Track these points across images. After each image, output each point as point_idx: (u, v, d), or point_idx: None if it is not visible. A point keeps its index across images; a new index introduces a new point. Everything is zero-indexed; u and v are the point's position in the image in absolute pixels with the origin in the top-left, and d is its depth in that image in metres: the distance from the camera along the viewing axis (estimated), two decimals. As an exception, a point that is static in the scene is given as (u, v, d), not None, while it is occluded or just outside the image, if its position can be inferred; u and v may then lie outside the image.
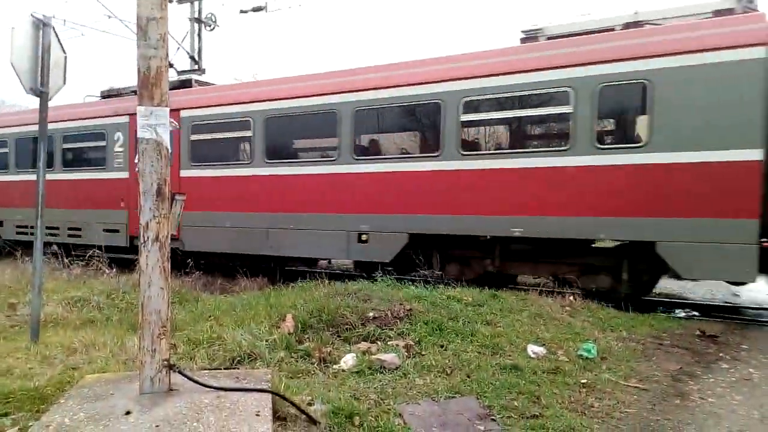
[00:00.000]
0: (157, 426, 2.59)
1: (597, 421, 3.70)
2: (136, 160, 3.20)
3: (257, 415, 2.77)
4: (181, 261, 10.46)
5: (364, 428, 3.38)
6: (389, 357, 4.69)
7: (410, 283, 7.52)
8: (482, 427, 3.54)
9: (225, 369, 4.16)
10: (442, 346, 5.14)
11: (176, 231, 11.71)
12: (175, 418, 2.69)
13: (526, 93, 7.85)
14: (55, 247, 11.36)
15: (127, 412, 2.75)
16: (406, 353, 4.92)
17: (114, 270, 9.29)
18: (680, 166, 6.95)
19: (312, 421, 3.28)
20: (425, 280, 7.99)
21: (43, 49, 5.15)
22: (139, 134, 3.11)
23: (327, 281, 7.12)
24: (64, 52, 5.41)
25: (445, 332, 5.43)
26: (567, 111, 7.60)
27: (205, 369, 4.10)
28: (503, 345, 5.13)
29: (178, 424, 2.62)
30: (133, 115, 11.68)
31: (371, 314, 5.68)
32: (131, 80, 12.22)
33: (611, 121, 8.07)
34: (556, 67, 7.63)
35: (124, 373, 3.66)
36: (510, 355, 4.90)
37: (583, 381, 4.38)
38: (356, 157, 9.06)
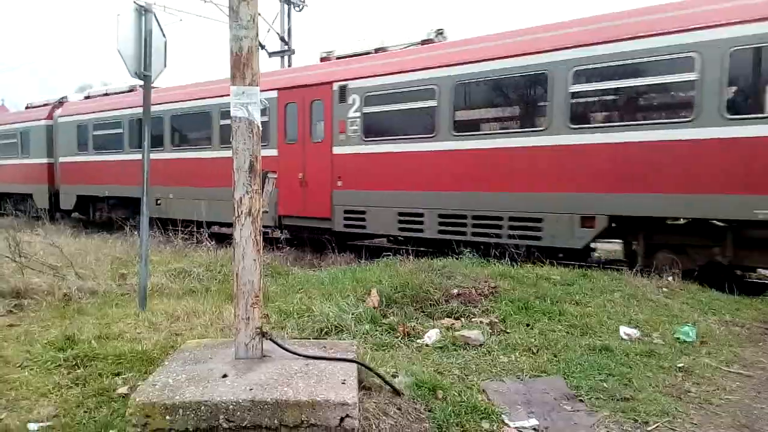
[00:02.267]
0: (251, 389, 2.75)
1: (694, 406, 3.51)
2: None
3: (343, 383, 2.86)
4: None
5: (447, 402, 3.40)
6: (473, 334, 4.68)
7: (496, 260, 7.42)
8: (569, 407, 3.46)
9: (313, 339, 4.33)
10: (528, 325, 5.05)
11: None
12: (267, 382, 2.83)
13: None
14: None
15: (224, 375, 2.93)
16: (491, 331, 4.89)
17: (213, 243, 9.85)
18: None
19: (396, 392, 3.35)
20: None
21: (146, 34, 5.44)
22: (232, 113, 3.25)
23: (411, 258, 7.17)
24: (164, 36, 5.70)
25: (531, 311, 5.34)
26: None
27: (295, 338, 4.29)
28: (593, 325, 4.96)
29: (270, 387, 2.76)
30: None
31: (455, 291, 5.68)
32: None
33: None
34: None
35: (221, 340, 3.91)
36: (600, 336, 4.73)
37: (679, 365, 4.15)
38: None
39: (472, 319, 5.20)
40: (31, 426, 3.02)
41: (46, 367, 3.86)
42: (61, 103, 17.81)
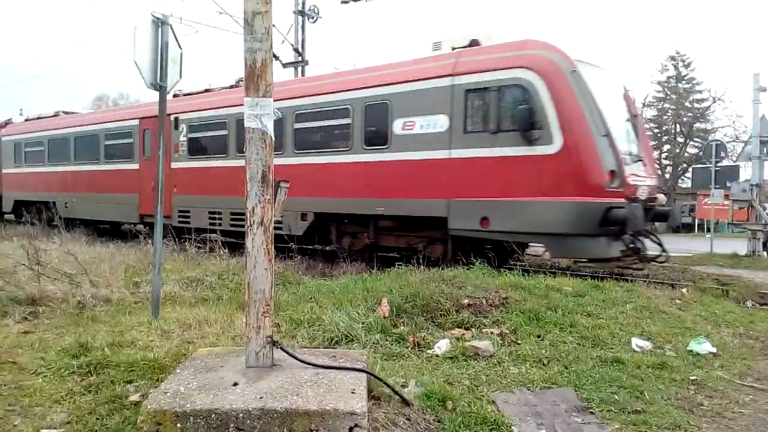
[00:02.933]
0: (261, 397, 2.77)
1: (706, 419, 3.48)
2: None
3: (352, 392, 2.87)
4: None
5: (456, 413, 3.40)
6: (483, 344, 4.67)
7: (507, 271, 7.40)
8: (579, 419, 3.44)
9: (323, 348, 4.35)
10: (539, 336, 5.03)
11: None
12: (277, 390, 2.85)
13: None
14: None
15: (235, 384, 2.95)
16: (501, 341, 4.88)
17: (226, 251, 9.91)
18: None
19: (405, 402, 3.35)
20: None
21: (162, 46, 5.53)
22: (246, 124, 3.30)
23: (422, 268, 7.17)
24: (180, 48, 5.79)
25: (542, 322, 5.32)
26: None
27: (305, 348, 4.31)
28: (605, 337, 4.93)
29: (280, 396, 2.78)
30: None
31: (466, 301, 5.67)
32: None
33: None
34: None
35: (232, 348, 3.93)
36: (612, 348, 4.71)
37: (692, 378, 4.12)
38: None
39: (483, 330, 5.19)
40: (45, 432, 3.06)
41: (60, 374, 3.91)
42: (6, 123, 21.82)
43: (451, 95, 9.01)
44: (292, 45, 20.08)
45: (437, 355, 4.58)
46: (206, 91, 14.22)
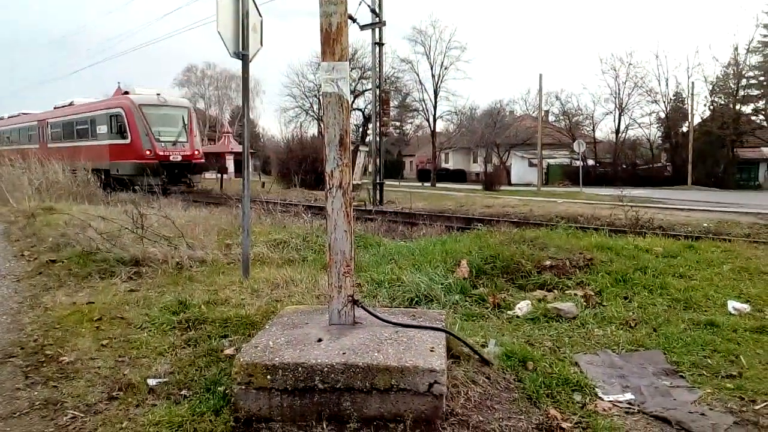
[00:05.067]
0: (343, 353, 2.88)
1: (811, 388, 3.25)
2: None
3: (431, 351, 2.93)
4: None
5: (537, 373, 3.38)
6: (566, 306, 4.58)
7: (593, 231, 7.15)
8: (668, 383, 3.33)
9: (403, 308, 4.43)
10: (626, 298, 4.87)
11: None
12: (358, 347, 2.96)
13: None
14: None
15: (319, 340, 3.09)
16: (585, 303, 4.76)
17: (309, 216, 10.24)
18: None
19: (485, 361, 3.37)
20: None
21: (243, 15, 5.64)
22: (323, 89, 3.34)
23: (502, 229, 7.07)
24: (260, 15, 5.87)
25: (630, 284, 5.13)
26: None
27: (385, 307, 4.41)
28: (698, 300, 4.69)
29: (361, 352, 2.89)
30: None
31: (548, 262, 5.56)
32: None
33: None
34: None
35: (316, 306, 4.10)
36: (705, 311, 4.47)
37: (796, 343, 3.84)
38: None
39: (566, 291, 5.08)
40: (151, 381, 3.35)
41: (162, 329, 4.24)
42: None
43: (110, 117, 22.28)
44: (369, 6, 19.90)
45: (518, 317, 4.55)
46: (71, 104, 26.57)
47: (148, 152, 20.96)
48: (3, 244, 9.23)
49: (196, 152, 22.42)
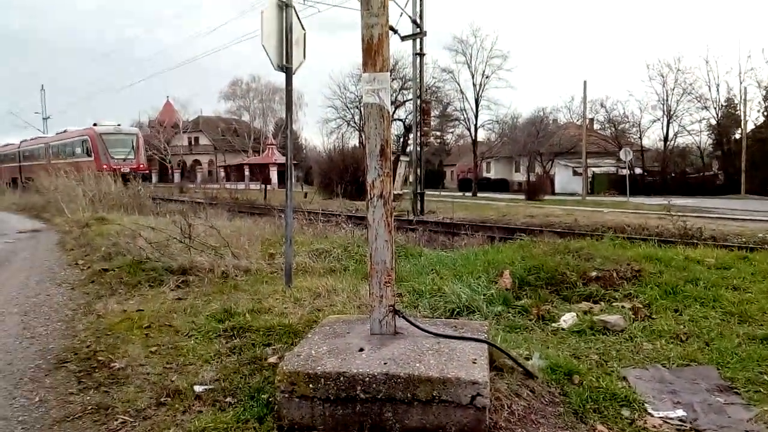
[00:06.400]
0: (385, 363, 2.88)
1: None
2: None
3: (474, 362, 2.89)
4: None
5: (583, 387, 3.29)
6: (613, 318, 4.46)
7: (641, 242, 6.95)
8: (722, 399, 3.19)
9: (444, 319, 4.40)
10: (676, 311, 4.70)
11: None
12: (400, 357, 2.95)
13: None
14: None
15: (360, 349, 3.10)
16: (633, 316, 4.62)
17: (350, 226, 10.31)
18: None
19: (529, 374, 3.31)
20: None
21: (286, 28, 5.73)
22: (364, 99, 3.38)
23: (546, 239, 6.96)
24: (303, 29, 5.96)
25: (680, 296, 4.96)
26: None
27: (426, 317, 4.39)
28: (753, 313, 4.48)
29: (403, 363, 2.88)
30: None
31: (594, 274, 5.43)
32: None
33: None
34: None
35: (357, 316, 4.12)
36: (762, 325, 4.27)
37: None
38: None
39: (613, 304, 4.95)
40: (197, 388, 3.42)
41: (209, 337, 4.34)
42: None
43: (82, 142, 33.34)
44: (410, 17, 20.01)
45: (563, 329, 4.45)
46: (65, 131, 36.05)
47: (105, 166, 28.30)
48: (58, 253, 9.64)
49: (141, 165, 32.10)
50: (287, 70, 5.83)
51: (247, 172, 55.54)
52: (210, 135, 69.21)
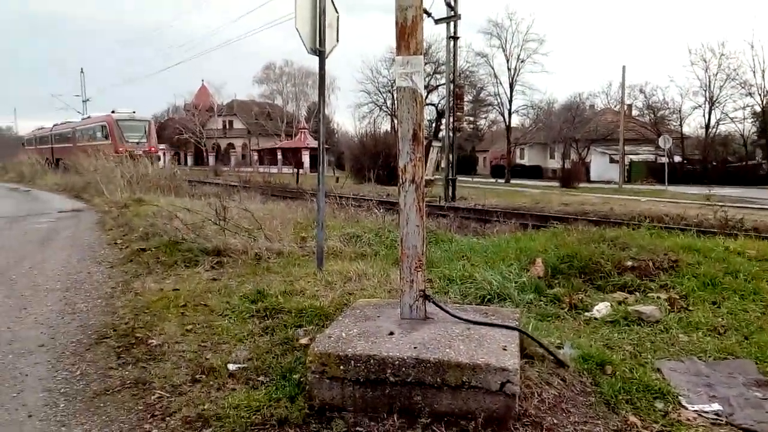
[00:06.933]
0: (414, 347, 2.90)
1: None
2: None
3: (504, 349, 2.88)
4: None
5: (616, 378, 3.25)
6: (649, 309, 4.37)
7: (679, 231, 6.78)
8: (760, 394, 3.11)
9: (475, 305, 4.38)
10: (714, 303, 4.59)
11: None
12: (429, 342, 2.96)
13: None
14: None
15: (390, 333, 3.12)
16: (669, 307, 4.52)
17: (381, 211, 10.33)
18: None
19: (560, 363, 3.28)
20: None
21: (320, 11, 5.71)
22: (397, 83, 3.36)
23: (580, 227, 6.84)
24: (336, 12, 5.92)
25: (719, 288, 4.83)
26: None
27: (457, 303, 4.38)
28: (797, 307, 4.34)
29: (432, 348, 2.89)
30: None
31: (629, 263, 5.33)
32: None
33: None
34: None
35: (388, 300, 4.14)
36: (805, 320, 4.13)
37: None
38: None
39: (648, 294, 4.86)
40: (231, 366, 3.50)
41: (242, 317, 4.43)
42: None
43: (102, 127, 32.91)
44: (444, 0, 19.75)
45: (596, 319, 4.39)
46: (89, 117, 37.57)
47: (120, 148, 29.58)
48: (98, 233, 9.93)
49: (152, 148, 33.23)
50: (320, 54, 5.81)
51: (279, 156, 56.02)
52: (244, 119, 70.00)
